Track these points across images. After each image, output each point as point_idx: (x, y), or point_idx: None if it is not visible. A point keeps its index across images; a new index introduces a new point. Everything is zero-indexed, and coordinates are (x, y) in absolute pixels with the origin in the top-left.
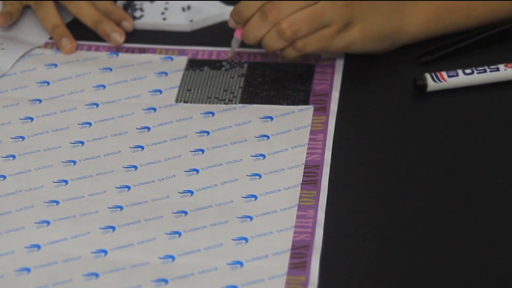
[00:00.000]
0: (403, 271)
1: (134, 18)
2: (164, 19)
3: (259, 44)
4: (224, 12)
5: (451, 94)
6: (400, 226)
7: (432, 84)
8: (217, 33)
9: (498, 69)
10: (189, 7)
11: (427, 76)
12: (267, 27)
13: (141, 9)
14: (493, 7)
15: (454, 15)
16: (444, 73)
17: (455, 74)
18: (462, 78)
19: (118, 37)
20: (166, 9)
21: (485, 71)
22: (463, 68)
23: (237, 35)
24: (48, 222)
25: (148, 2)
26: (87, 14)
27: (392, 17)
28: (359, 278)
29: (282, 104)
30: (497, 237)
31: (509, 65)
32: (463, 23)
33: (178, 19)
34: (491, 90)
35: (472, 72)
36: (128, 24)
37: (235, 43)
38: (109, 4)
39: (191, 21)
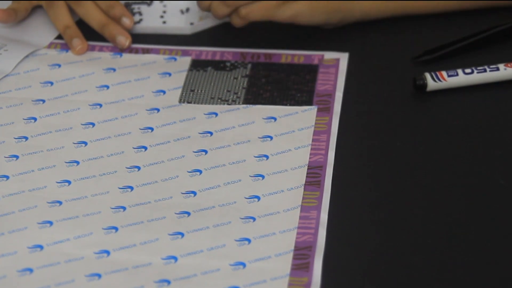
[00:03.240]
0: (406, 273)
1: (134, 23)
2: (164, 22)
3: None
4: None
5: (451, 94)
6: (403, 227)
7: (432, 83)
8: (220, 34)
9: (498, 69)
10: (187, 10)
11: (427, 75)
12: None
13: (140, 13)
14: None
15: None
16: (444, 73)
17: (455, 73)
18: (462, 78)
19: (124, 40)
20: (164, 12)
21: (485, 70)
22: (463, 67)
23: None
24: (51, 223)
25: (145, 6)
26: (94, 17)
27: None
28: (362, 279)
29: (286, 104)
30: (498, 238)
31: (509, 65)
32: (415, 5)
33: (178, 22)
34: (491, 90)
35: (472, 72)
36: (128, 21)
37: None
38: None
39: (192, 23)
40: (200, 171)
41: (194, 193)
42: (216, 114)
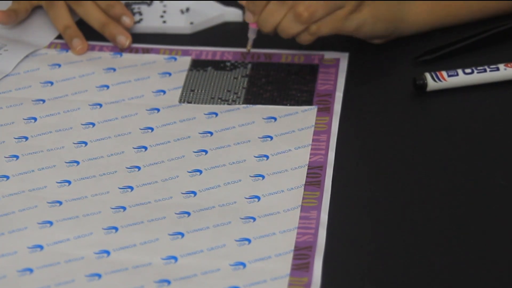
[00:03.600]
0: (406, 273)
1: (134, 22)
2: (164, 22)
3: (274, 32)
4: (224, 14)
5: (451, 94)
6: (403, 227)
7: (432, 83)
8: (220, 34)
9: (498, 69)
10: (187, 9)
11: (427, 75)
12: (283, 11)
13: (140, 13)
14: (488, 3)
15: (450, 10)
16: (444, 73)
17: (455, 73)
18: (462, 78)
19: (124, 39)
20: (164, 12)
21: (485, 70)
22: (463, 67)
23: (253, 25)
24: (51, 223)
25: (145, 6)
26: (94, 17)
27: (398, 1)
28: (362, 279)
29: (286, 104)
30: (498, 238)
31: (509, 65)
32: (458, 18)
33: (178, 22)
34: (491, 90)
35: (472, 72)
36: (128, 20)
37: (252, 33)
38: None
39: (192, 23)
40: (200, 171)
41: (194, 193)
42: (216, 114)
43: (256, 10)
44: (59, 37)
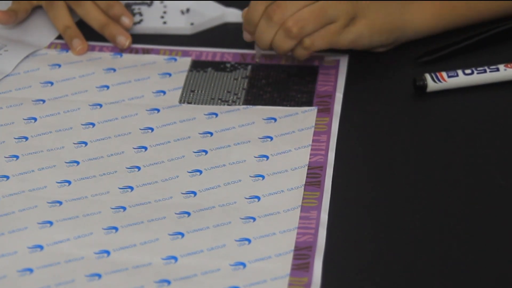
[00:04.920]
0: (406, 273)
1: (134, 23)
2: (164, 22)
3: (271, 48)
4: (224, 14)
5: (451, 94)
6: (403, 227)
7: (432, 84)
8: (220, 35)
9: (498, 69)
10: (188, 10)
11: (427, 76)
12: (274, 28)
13: (140, 13)
14: (493, 4)
15: (456, 12)
16: (444, 73)
17: (455, 74)
18: (462, 78)
19: (124, 40)
20: (165, 12)
21: (485, 71)
22: (463, 68)
23: None
24: (51, 223)
25: (146, 6)
26: (94, 17)
27: (396, 10)
28: (362, 280)
29: (286, 105)
30: (497, 238)
31: (509, 65)
32: (464, 20)
33: (178, 23)
34: (491, 90)
35: (472, 72)
36: (127, 20)
37: (258, 48)
38: None
39: (192, 24)
40: (200, 171)
41: (194, 193)
42: (216, 115)
43: (250, 30)
44: (59, 37)
